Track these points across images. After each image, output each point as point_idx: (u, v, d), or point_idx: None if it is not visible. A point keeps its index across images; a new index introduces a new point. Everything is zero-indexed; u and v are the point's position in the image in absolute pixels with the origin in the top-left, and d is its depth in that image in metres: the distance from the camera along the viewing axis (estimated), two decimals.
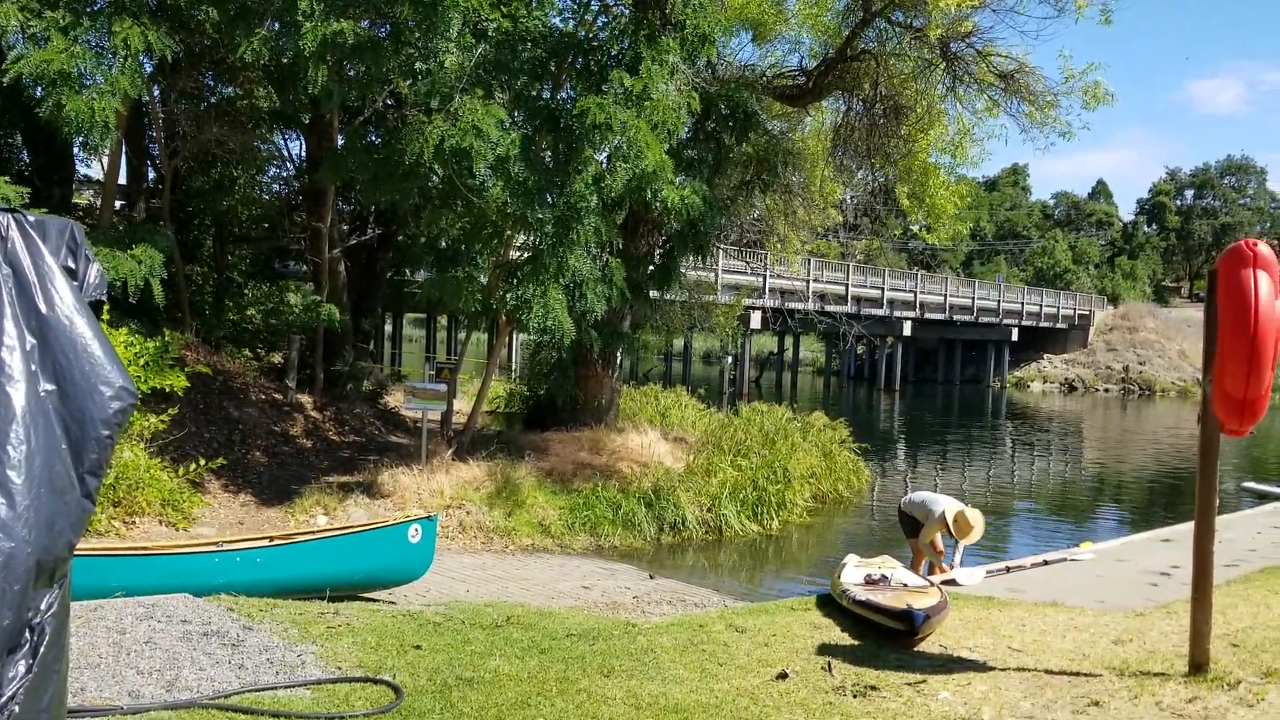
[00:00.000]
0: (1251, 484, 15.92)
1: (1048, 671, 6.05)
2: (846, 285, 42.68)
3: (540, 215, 11.55)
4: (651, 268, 15.72)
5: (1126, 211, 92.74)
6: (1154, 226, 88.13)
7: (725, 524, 13.38)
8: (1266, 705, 5.23)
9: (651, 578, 10.80)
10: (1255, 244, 5.60)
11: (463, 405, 16.93)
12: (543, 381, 17.30)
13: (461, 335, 23.34)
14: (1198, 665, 5.79)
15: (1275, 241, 6.81)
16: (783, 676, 5.87)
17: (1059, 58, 16.51)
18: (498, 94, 11.84)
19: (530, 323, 12.10)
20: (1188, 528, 11.53)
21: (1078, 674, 6.00)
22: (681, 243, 15.00)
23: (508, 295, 12.23)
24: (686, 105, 12.61)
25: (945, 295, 50.99)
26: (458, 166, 11.15)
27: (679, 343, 42.39)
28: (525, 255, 12.90)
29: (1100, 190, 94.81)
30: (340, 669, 5.58)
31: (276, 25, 11.19)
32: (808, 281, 39.74)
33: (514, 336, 25.48)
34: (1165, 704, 5.40)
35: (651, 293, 16.28)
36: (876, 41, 15.67)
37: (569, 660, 6.07)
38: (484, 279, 12.98)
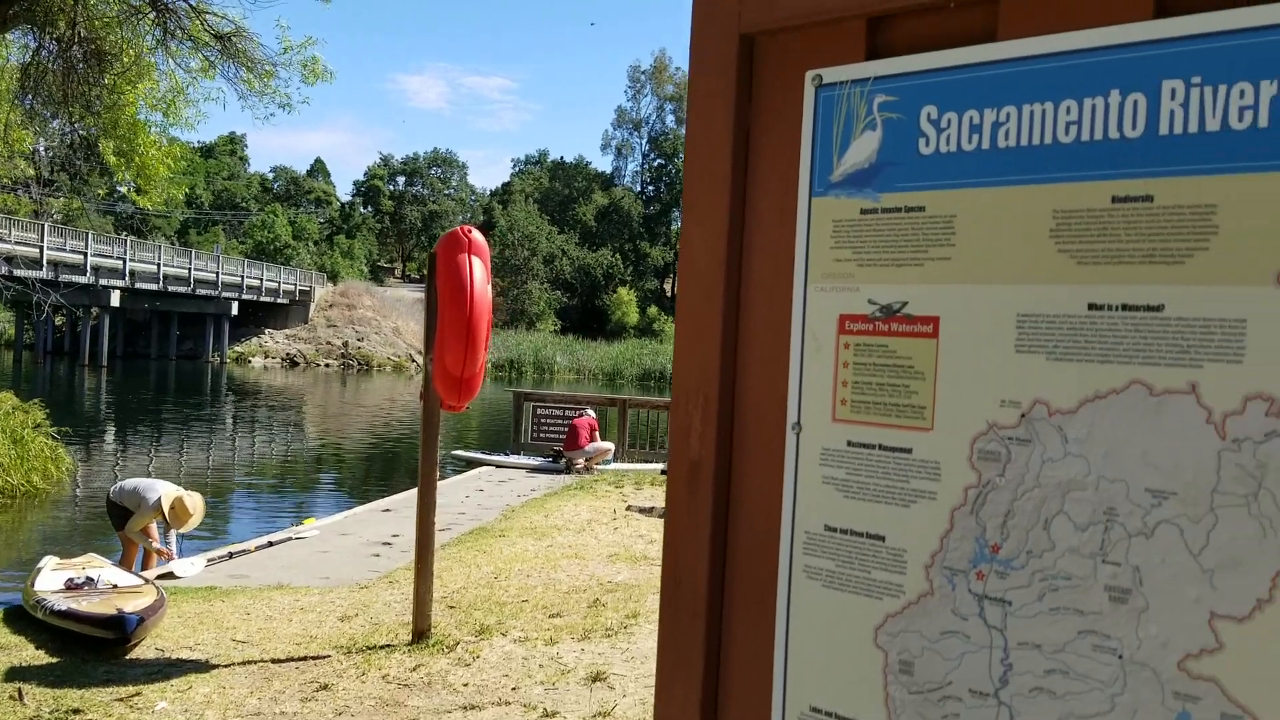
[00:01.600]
0: (460, 451, 17.55)
1: (275, 661, 5.83)
2: (42, 248, 37.94)
3: None
4: None
5: (344, 192, 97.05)
6: (370, 208, 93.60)
7: None
8: (482, 662, 5.60)
9: None
10: (470, 230, 5.94)
11: None
12: None
13: None
14: (420, 633, 6.01)
15: (482, 228, 7.35)
16: None
17: (278, 27, 16.25)
18: None
19: None
20: (405, 497, 12.29)
21: (306, 658, 5.87)
22: None
23: None
24: None
25: (159, 264, 48.21)
26: None
27: None
28: None
29: (319, 169, 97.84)
30: None
31: None
32: None
33: None
34: (392, 676, 5.49)
35: None
36: None
37: None
38: None
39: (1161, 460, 1.10)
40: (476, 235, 5.88)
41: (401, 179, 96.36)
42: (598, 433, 15.52)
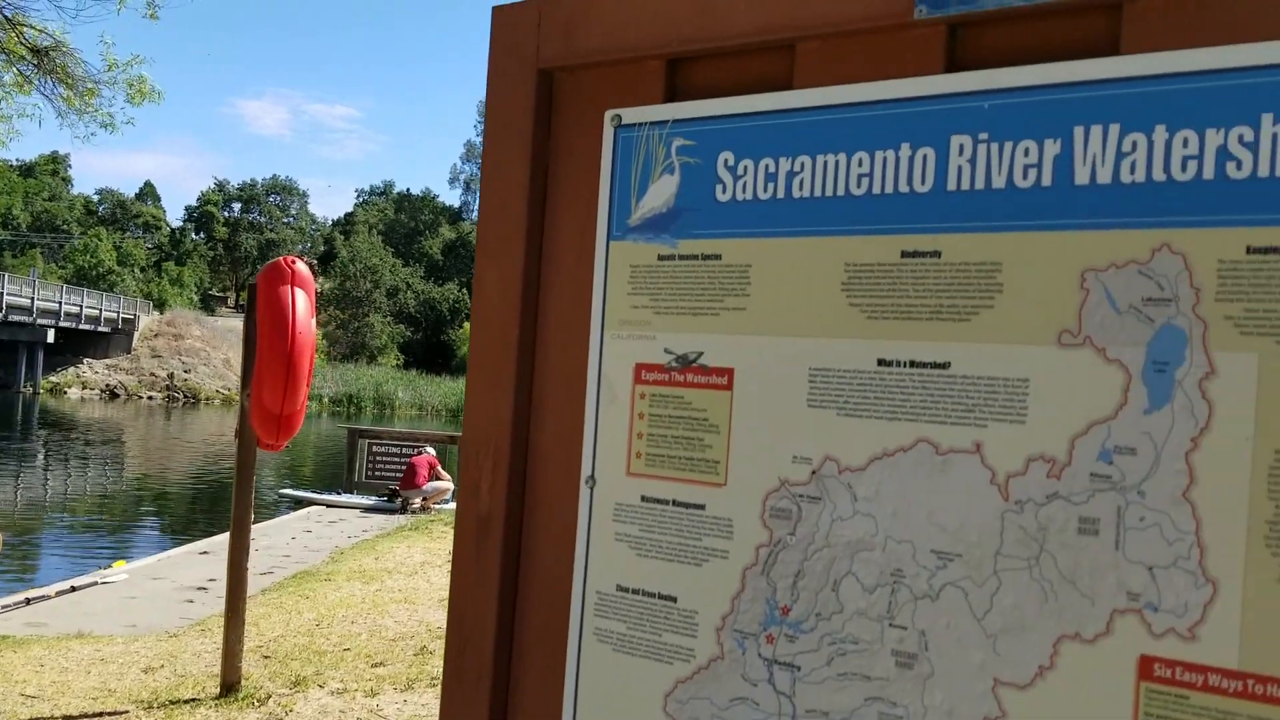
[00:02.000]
0: (289, 490, 16.85)
1: (67, 717, 5.41)
2: None
3: None
4: None
5: (175, 217, 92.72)
6: (202, 235, 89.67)
7: None
8: (295, 716, 5.30)
9: None
10: (294, 261, 5.69)
11: None
12: None
13: None
14: (229, 685, 5.66)
15: (314, 261, 7.10)
16: None
17: (102, 44, 15.40)
18: None
19: None
20: (225, 538, 11.62)
21: (101, 714, 5.46)
22: None
23: None
24: None
25: None
26: None
27: None
28: None
29: (148, 192, 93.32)
30: None
31: None
32: None
33: None
34: None
35: None
36: None
37: None
38: None
39: (947, 521, 1.08)
40: (300, 267, 5.64)
41: (238, 205, 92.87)
42: (439, 470, 15.13)
